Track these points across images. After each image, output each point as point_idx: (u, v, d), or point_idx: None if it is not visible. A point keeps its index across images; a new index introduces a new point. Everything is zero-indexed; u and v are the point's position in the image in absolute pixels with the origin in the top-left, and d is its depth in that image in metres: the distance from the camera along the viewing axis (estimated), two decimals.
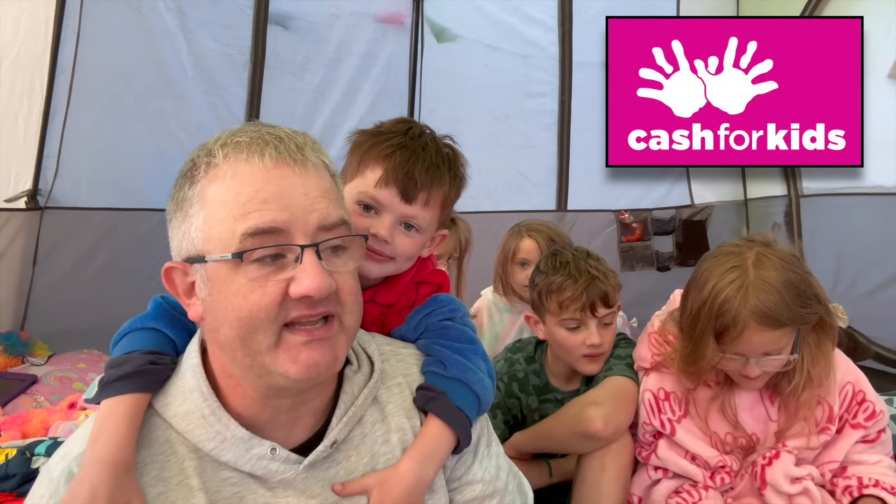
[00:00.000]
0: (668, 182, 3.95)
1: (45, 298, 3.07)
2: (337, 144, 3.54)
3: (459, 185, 1.11)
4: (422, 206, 1.05)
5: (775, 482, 1.34)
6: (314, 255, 0.77)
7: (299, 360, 0.77)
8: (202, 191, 0.78)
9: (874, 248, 3.37)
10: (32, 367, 2.71)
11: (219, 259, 0.76)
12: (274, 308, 0.75)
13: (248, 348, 0.77)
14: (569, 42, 3.83)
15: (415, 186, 1.03)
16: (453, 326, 1.06)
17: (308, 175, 0.79)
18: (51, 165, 3.04)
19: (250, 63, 3.45)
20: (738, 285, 1.23)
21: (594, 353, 1.54)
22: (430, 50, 3.72)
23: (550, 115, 3.88)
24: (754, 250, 1.27)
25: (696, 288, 1.30)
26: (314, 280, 0.75)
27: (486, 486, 1.00)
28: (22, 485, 1.52)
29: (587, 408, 1.41)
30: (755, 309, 1.21)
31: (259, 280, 0.76)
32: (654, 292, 3.32)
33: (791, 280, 1.24)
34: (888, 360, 3.15)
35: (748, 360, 1.27)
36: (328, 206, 0.79)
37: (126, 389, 0.84)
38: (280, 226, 0.76)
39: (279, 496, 0.84)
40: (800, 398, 1.34)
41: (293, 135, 0.81)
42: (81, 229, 3.13)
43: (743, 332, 1.22)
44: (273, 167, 0.77)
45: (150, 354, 0.87)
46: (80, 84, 3.06)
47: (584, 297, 1.52)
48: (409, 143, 1.06)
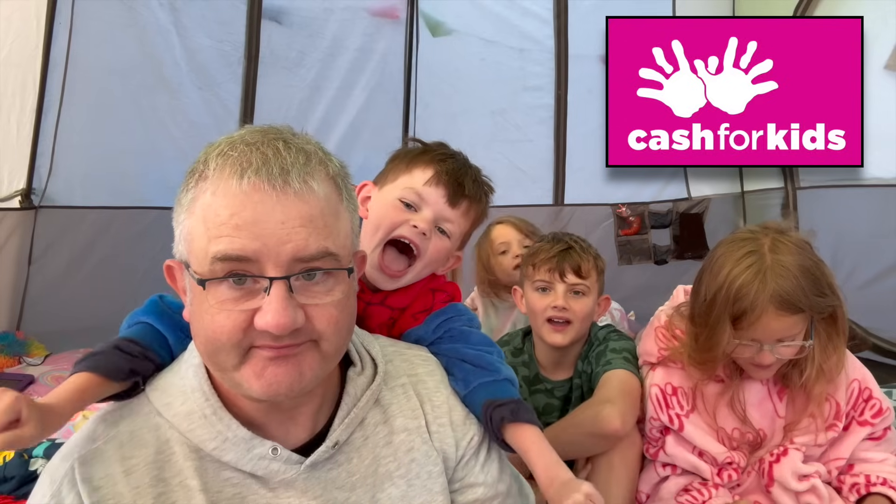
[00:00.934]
0: (664, 177, 3.95)
1: (41, 298, 3.06)
2: (333, 140, 3.53)
3: (486, 212, 1.18)
4: (461, 214, 1.11)
5: (783, 479, 1.34)
6: (283, 288, 0.74)
7: (263, 377, 0.76)
8: (193, 200, 0.77)
9: (871, 240, 3.38)
10: (29, 368, 2.71)
11: (194, 277, 0.76)
12: (237, 334, 0.75)
13: (215, 363, 0.78)
14: (565, 35, 3.81)
15: (462, 192, 1.09)
16: (474, 332, 1.12)
17: (288, 201, 0.74)
18: (44, 164, 3.02)
19: (244, 59, 3.42)
20: (756, 270, 1.23)
21: (558, 316, 1.55)
22: (425, 44, 3.70)
23: (547, 109, 3.87)
24: (770, 236, 1.27)
25: (710, 274, 1.30)
26: (276, 317, 0.73)
27: (487, 489, 0.99)
28: (20, 487, 1.51)
29: (602, 407, 1.40)
30: (773, 293, 1.21)
31: (227, 304, 0.74)
32: (652, 286, 3.34)
33: (807, 266, 1.24)
34: (886, 351, 3.16)
35: (762, 346, 1.26)
36: (307, 237, 0.75)
37: (77, 369, 0.87)
38: (249, 255, 0.73)
39: (280, 496, 0.84)
40: (811, 392, 1.33)
41: (284, 153, 0.76)
42: (76, 228, 3.11)
43: (760, 317, 1.22)
44: (251, 191, 0.74)
45: (123, 342, 0.89)
46: (73, 81, 3.04)
47: (555, 259, 1.56)
48: (458, 157, 1.14)
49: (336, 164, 0.82)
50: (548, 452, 0.99)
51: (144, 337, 0.91)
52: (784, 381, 1.37)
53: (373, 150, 3.66)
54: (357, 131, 3.60)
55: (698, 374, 1.37)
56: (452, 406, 0.99)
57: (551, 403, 1.64)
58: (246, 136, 0.78)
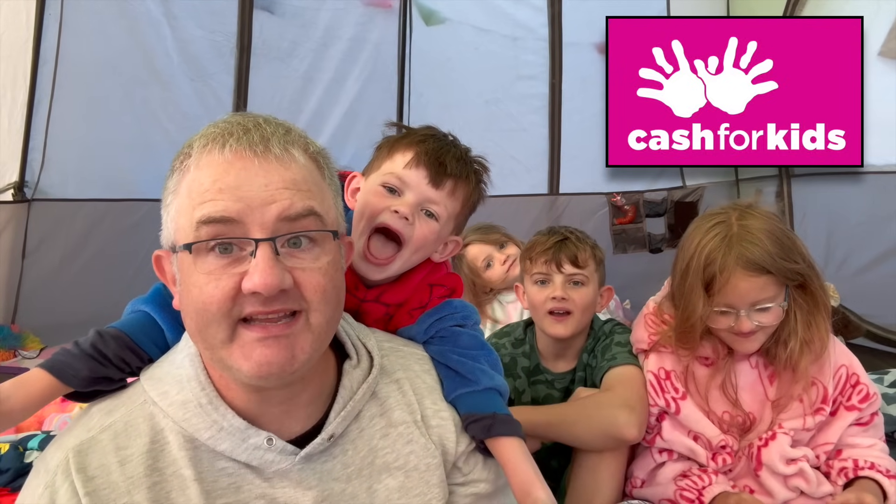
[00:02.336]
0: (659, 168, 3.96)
1: (36, 291, 3.05)
2: (327, 131, 3.52)
3: (481, 192, 1.13)
4: (446, 195, 1.06)
5: (771, 463, 1.35)
6: (269, 249, 0.74)
7: (252, 358, 0.75)
8: (178, 182, 0.78)
9: (865, 227, 3.39)
10: (24, 361, 2.70)
11: (182, 249, 0.76)
12: (227, 302, 0.74)
13: (205, 341, 0.77)
14: (559, 23, 3.79)
15: (444, 171, 1.05)
16: (464, 332, 1.07)
17: (270, 166, 0.76)
18: (37, 157, 3.00)
19: (237, 49, 3.39)
20: (723, 236, 1.29)
21: (557, 307, 1.55)
22: (418, 33, 3.68)
23: (541, 98, 3.86)
24: (738, 210, 1.33)
25: (682, 250, 1.36)
26: (263, 276, 0.72)
27: (488, 485, 1.00)
28: (15, 479, 1.51)
29: (621, 412, 1.38)
30: (740, 255, 1.26)
31: (214, 273, 0.75)
32: (647, 274, 3.34)
33: (774, 230, 1.29)
34: (880, 338, 3.17)
35: (739, 313, 1.30)
36: (292, 197, 0.76)
37: (39, 365, 0.88)
38: (233, 216, 0.74)
39: (275, 486, 0.84)
40: (797, 367, 1.35)
41: (265, 125, 0.78)
42: (70, 221, 3.10)
43: (729, 279, 1.26)
44: (234, 159, 0.75)
45: (103, 339, 0.89)
46: (64, 74, 3.01)
47: (551, 251, 1.56)
48: (440, 136, 1.10)
49: (317, 145, 0.84)
50: (525, 468, 0.96)
51: (135, 328, 0.91)
52: (769, 357, 1.39)
53: (367, 141, 3.60)
54: (351, 122, 3.59)
55: (685, 353, 1.40)
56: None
57: (551, 395, 1.64)
58: (227, 118, 0.80)
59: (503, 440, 0.98)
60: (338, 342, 0.93)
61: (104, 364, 0.87)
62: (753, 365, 1.41)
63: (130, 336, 0.90)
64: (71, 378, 0.86)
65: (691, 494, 1.37)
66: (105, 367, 0.87)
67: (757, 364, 1.41)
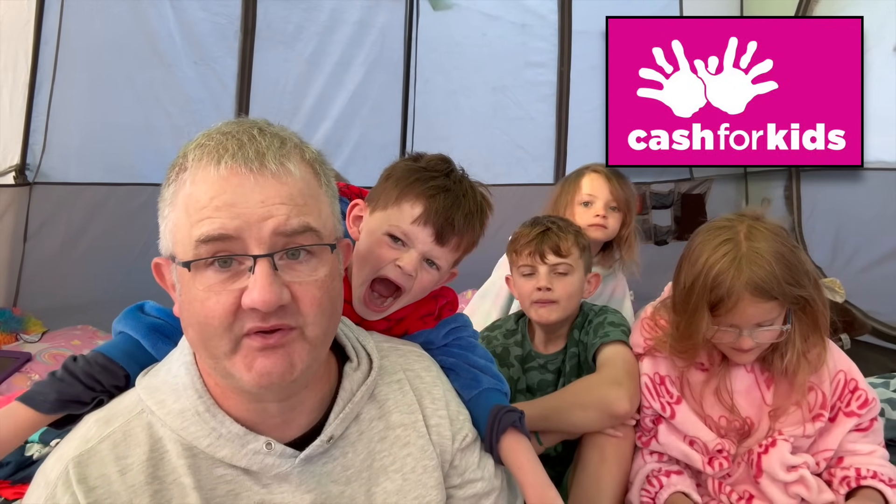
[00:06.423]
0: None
1: (37, 274, 3.04)
2: (331, 116, 3.48)
3: (482, 233, 1.15)
4: (451, 249, 1.09)
5: (771, 470, 1.35)
6: (267, 265, 0.75)
7: (253, 368, 0.76)
8: (174, 193, 0.78)
9: (873, 223, 3.37)
10: (26, 345, 2.70)
11: (181, 265, 0.76)
12: (227, 317, 0.75)
13: (208, 351, 0.78)
14: (568, 10, 3.74)
15: (451, 231, 1.06)
16: (479, 346, 1.17)
17: (266, 182, 0.76)
18: (38, 140, 2.97)
19: (241, 32, 3.34)
20: (732, 258, 1.26)
21: (542, 298, 1.59)
22: (425, 18, 3.63)
23: (549, 87, 3.81)
24: (745, 223, 1.31)
25: (688, 262, 1.33)
26: (262, 293, 0.73)
27: (485, 484, 1.02)
28: (16, 472, 1.52)
29: (611, 389, 1.42)
30: (749, 280, 1.24)
31: (214, 287, 0.75)
32: (652, 266, 3.31)
33: (782, 252, 1.27)
34: (886, 335, 3.17)
35: (741, 332, 1.30)
36: (288, 213, 0.76)
37: (20, 398, 0.93)
38: (231, 233, 0.74)
39: (274, 492, 0.85)
40: (794, 380, 1.35)
41: (259, 138, 0.78)
42: (72, 204, 3.08)
43: (737, 304, 1.26)
44: (230, 175, 0.75)
45: (85, 364, 0.94)
46: (66, 56, 2.97)
47: (534, 242, 1.59)
48: (452, 186, 1.08)
49: (312, 151, 0.83)
50: (540, 472, 1.02)
51: (112, 347, 0.95)
52: (765, 364, 1.40)
53: (371, 127, 3.61)
54: (355, 107, 3.55)
55: (681, 362, 1.41)
56: (449, 400, 1.02)
57: (545, 379, 1.67)
58: (222, 127, 0.79)
59: (524, 441, 1.05)
60: (338, 345, 0.94)
61: (70, 384, 0.90)
62: (749, 370, 1.42)
63: (106, 354, 0.93)
64: (41, 403, 0.89)
65: (647, 498, 1.41)
66: (71, 387, 0.90)
67: (753, 369, 1.42)
